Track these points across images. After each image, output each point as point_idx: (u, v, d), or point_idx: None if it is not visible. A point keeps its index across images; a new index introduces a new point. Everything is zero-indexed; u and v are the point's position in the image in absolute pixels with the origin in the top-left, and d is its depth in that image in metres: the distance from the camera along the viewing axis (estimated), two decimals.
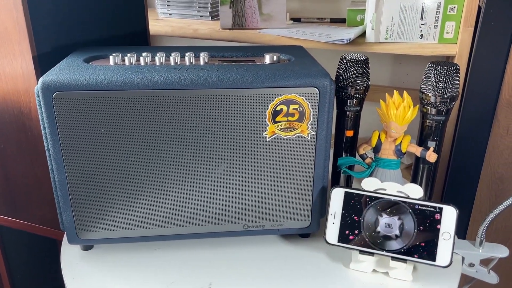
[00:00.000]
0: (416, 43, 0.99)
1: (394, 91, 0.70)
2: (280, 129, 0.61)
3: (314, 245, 0.69)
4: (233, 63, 0.66)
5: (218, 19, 1.16)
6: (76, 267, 0.65)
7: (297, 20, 1.24)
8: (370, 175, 0.73)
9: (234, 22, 1.15)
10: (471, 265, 0.66)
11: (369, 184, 0.64)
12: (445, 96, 0.67)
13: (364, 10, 1.07)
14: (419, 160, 0.74)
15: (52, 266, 1.01)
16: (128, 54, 0.64)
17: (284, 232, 0.68)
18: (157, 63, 0.64)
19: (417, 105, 0.70)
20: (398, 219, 0.60)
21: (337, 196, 0.63)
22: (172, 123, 0.59)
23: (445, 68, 0.67)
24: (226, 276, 0.63)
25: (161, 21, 1.24)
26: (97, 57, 0.68)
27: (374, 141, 0.73)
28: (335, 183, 0.81)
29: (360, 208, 0.62)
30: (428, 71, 0.68)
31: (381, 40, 1.00)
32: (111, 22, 0.83)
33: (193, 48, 0.72)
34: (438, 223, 0.59)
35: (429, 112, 0.70)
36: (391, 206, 0.61)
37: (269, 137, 0.62)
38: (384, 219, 0.61)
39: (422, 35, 0.98)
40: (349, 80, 0.71)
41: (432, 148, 0.71)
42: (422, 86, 0.69)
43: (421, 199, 0.61)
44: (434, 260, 0.58)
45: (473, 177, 1.00)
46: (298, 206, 0.66)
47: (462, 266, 0.66)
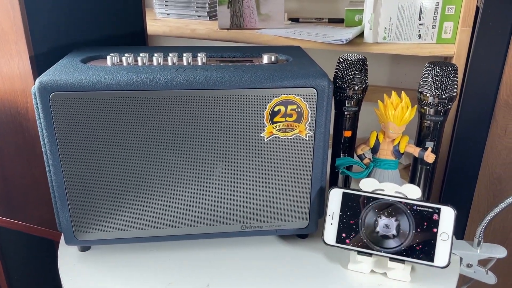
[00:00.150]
0: (414, 44, 0.99)
1: (392, 92, 0.70)
2: (278, 130, 0.61)
3: (312, 246, 0.69)
4: (231, 64, 0.65)
5: (216, 19, 1.16)
6: (74, 268, 0.64)
7: (295, 20, 1.24)
8: (368, 176, 0.73)
9: (232, 22, 1.15)
10: (469, 266, 0.66)
11: (367, 185, 0.64)
12: (443, 97, 0.67)
13: (362, 10, 1.07)
14: (417, 161, 0.74)
15: (50, 267, 1.01)
16: (126, 54, 0.64)
17: (282, 233, 0.68)
18: (155, 64, 0.64)
19: (415, 106, 0.70)
20: (396, 220, 0.60)
21: (335, 197, 0.63)
22: (170, 124, 0.59)
23: (443, 69, 0.67)
24: (224, 277, 0.63)
25: (159, 21, 1.24)
26: (95, 57, 0.68)
27: (372, 142, 0.73)
28: (333, 184, 0.80)
29: (358, 209, 0.62)
30: (426, 72, 0.68)
31: (379, 41, 1.00)
32: (109, 22, 0.83)
33: (191, 49, 0.72)
34: (436, 224, 0.59)
35: (427, 113, 0.70)
36: (389, 207, 0.61)
37: (267, 138, 0.61)
38: (382, 220, 0.61)
39: (420, 36, 0.98)
40: (347, 81, 0.71)
41: (430, 149, 0.71)
42: (420, 87, 0.69)
43: (419, 200, 0.61)
44: (432, 261, 0.58)
45: (471, 178, 1.00)
46: (296, 207, 0.66)
47: (460, 267, 0.66)
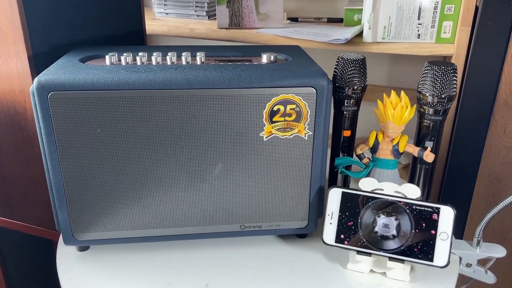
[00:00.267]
0: (414, 43, 0.99)
1: (392, 91, 0.70)
2: (277, 129, 0.61)
3: (312, 246, 0.69)
4: (230, 63, 0.65)
5: (215, 19, 1.16)
6: (72, 268, 0.64)
7: (294, 20, 1.24)
8: (368, 175, 0.73)
9: (231, 22, 1.14)
10: (469, 265, 0.66)
11: (367, 184, 0.64)
12: (443, 96, 0.67)
13: (361, 10, 1.07)
14: (417, 160, 0.74)
15: (48, 267, 1.01)
16: (124, 54, 0.64)
17: (282, 233, 0.68)
18: (154, 63, 0.64)
19: (415, 105, 0.70)
20: (396, 219, 0.60)
21: (335, 196, 0.63)
22: (169, 123, 0.59)
23: (443, 68, 0.66)
24: (223, 277, 0.63)
25: (158, 21, 1.24)
26: (93, 57, 0.68)
27: (372, 141, 0.72)
28: (333, 183, 0.80)
29: (358, 208, 0.62)
30: (426, 71, 0.68)
31: (379, 40, 1.00)
32: (107, 22, 0.83)
33: (190, 48, 0.72)
34: (436, 223, 0.59)
35: (427, 112, 0.70)
36: (389, 206, 0.61)
37: (266, 137, 0.61)
38: (382, 220, 0.61)
39: (420, 35, 0.98)
40: (347, 80, 0.71)
41: (430, 148, 0.71)
42: (420, 86, 0.69)
43: (419, 199, 0.61)
44: (432, 261, 0.58)
45: (471, 177, 1.00)
46: (296, 207, 0.66)
47: (460, 266, 0.66)
